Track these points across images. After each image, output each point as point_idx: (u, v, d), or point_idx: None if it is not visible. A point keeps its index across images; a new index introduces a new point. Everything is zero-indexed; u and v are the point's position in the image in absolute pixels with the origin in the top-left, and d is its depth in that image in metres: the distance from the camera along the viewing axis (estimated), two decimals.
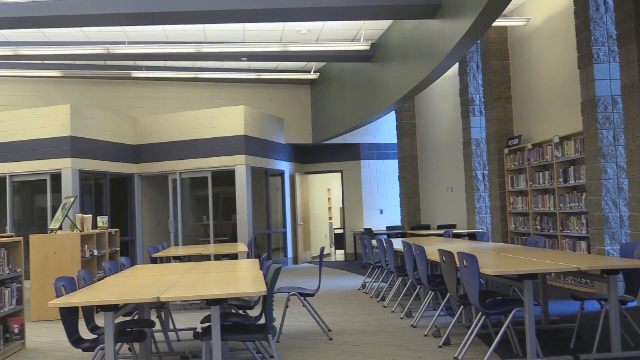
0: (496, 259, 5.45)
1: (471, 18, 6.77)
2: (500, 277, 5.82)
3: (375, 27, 11.02)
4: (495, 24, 10.10)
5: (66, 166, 12.04)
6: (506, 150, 10.76)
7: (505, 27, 10.98)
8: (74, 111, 12.20)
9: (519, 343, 5.47)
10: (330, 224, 20.03)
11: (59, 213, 9.29)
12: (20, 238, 6.60)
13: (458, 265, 5.11)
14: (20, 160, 12.45)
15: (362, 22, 10.78)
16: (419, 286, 7.74)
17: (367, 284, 10.39)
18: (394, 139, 16.57)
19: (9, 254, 6.39)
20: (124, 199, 13.94)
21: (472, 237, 11.30)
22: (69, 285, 4.54)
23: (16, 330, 6.43)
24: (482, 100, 11.56)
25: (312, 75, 14.55)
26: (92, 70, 13.39)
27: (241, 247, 9.43)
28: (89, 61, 13.09)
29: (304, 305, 6.41)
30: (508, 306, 4.80)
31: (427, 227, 13.43)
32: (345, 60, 11.97)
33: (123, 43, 11.19)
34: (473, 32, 7.08)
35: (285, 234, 15.30)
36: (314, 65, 14.52)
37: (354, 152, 16.46)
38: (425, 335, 6.15)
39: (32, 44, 11.13)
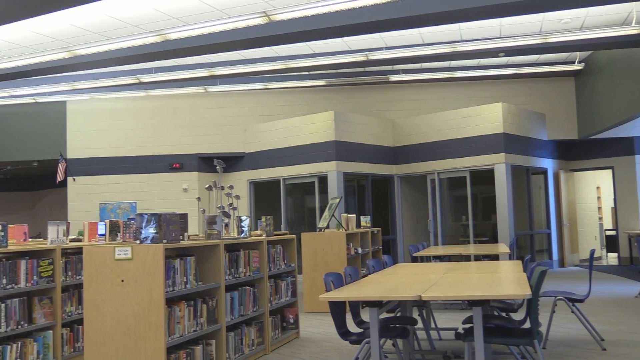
0: None
1: None
2: None
3: None
4: None
5: (332, 169, 12.82)
6: None
7: None
8: (337, 117, 12.96)
9: None
10: (601, 225, 18.53)
11: (326, 213, 9.92)
12: (294, 236, 7.19)
13: None
14: (292, 165, 13.58)
15: (633, 3, 9.78)
16: None
17: None
18: None
19: (284, 251, 6.99)
20: (385, 199, 14.42)
21: None
22: (337, 280, 4.82)
23: (291, 320, 7.00)
24: None
25: (576, 66, 13.61)
26: (353, 78, 14.08)
27: (502, 247, 9.17)
28: (350, 69, 13.79)
29: (572, 312, 6.01)
30: None
31: None
32: (614, 47, 10.97)
33: (381, 49, 11.58)
34: None
35: (549, 235, 14.52)
36: (578, 55, 13.57)
37: (627, 147, 15.02)
38: None
39: (299, 57, 12.04)
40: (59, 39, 10.22)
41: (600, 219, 18.67)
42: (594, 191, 17.51)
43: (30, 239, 7.16)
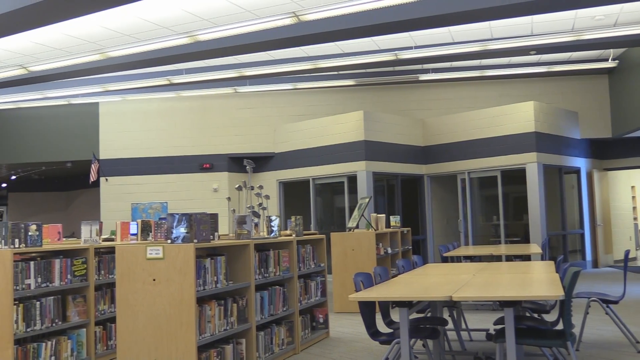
0: None
1: None
2: None
3: None
4: None
5: (361, 169, 12.80)
6: None
7: None
8: (366, 117, 12.93)
9: None
10: (636, 225, 18.17)
11: (355, 213, 9.91)
12: (323, 235, 7.19)
13: None
14: (321, 165, 13.59)
15: None
16: None
17: None
18: None
19: (314, 250, 7.00)
20: (415, 199, 14.35)
21: None
22: (367, 280, 4.81)
23: (321, 320, 7.00)
24: None
25: (610, 64, 13.38)
26: (382, 77, 14.03)
27: (534, 248, 9.06)
28: (379, 68, 13.75)
29: (606, 313, 5.91)
30: None
31: None
32: None
33: (410, 48, 11.52)
34: None
35: (582, 235, 14.29)
36: (611, 52, 13.34)
37: None
38: None
39: (329, 57, 12.04)
40: (91, 41, 10.37)
41: (635, 218, 18.31)
42: (628, 190, 17.19)
43: (64, 239, 7.28)
